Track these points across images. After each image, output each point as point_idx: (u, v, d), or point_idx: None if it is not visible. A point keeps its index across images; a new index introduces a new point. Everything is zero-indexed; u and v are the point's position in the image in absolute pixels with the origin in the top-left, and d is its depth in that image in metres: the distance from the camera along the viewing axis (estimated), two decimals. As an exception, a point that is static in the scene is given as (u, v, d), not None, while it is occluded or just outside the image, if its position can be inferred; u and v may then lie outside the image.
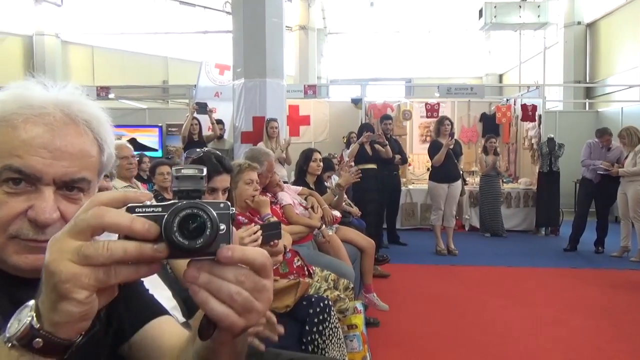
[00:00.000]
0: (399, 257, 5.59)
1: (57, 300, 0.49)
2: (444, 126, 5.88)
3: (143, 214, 0.50)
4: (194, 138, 6.55)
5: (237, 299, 0.50)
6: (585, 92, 12.34)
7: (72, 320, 0.49)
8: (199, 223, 0.49)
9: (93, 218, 0.49)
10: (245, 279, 0.51)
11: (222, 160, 2.10)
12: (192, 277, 0.51)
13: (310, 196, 3.74)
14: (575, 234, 6.24)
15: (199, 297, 0.51)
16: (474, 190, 7.68)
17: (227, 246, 0.51)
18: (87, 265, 0.48)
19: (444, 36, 17.10)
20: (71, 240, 0.49)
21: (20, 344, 0.50)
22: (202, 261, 0.51)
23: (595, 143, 6.16)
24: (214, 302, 0.50)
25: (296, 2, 15.03)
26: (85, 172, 0.73)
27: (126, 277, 0.50)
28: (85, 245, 0.48)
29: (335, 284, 2.77)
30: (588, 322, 3.70)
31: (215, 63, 8.49)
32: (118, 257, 0.48)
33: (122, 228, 0.49)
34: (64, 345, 0.51)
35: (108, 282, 0.49)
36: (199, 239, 0.49)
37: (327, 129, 9.14)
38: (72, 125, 0.72)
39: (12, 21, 12.83)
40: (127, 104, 9.94)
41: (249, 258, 0.51)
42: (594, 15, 12.03)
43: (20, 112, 0.69)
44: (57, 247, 0.49)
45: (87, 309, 0.49)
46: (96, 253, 0.48)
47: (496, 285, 4.73)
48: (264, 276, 0.52)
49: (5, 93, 0.72)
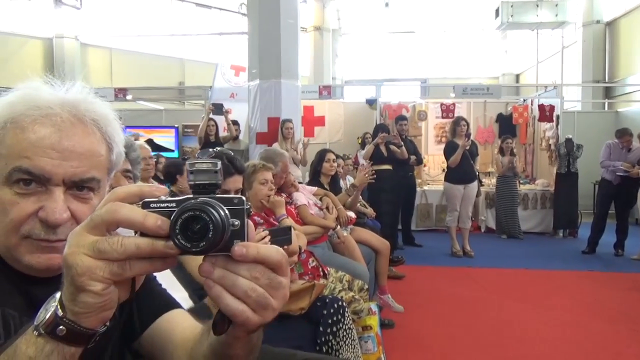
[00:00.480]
0: (413, 259, 5.56)
1: (75, 292, 0.50)
2: (460, 127, 5.83)
3: (157, 210, 0.51)
4: (211, 139, 6.59)
5: (252, 295, 0.50)
6: (605, 92, 12.14)
7: (91, 310, 0.51)
8: (202, 225, 0.49)
9: (107, 214, 0.50)
10: (260, 275, 0.51)
11: (233, 161, 2.08)
12: (206, 271, 0.51)
13: (325, 197, 3.74)
14: (594, 236, 6.13)
15: (213, 292, 0.51)
16: (490, 192, 7.61)
17: (241, 243, 0.51)
18: (101, 259, 0.49)
19: (460, 36, 16.96)
20: (88, 234, 0.51)
21: (46, 331, 0.52)
22: (217, 256, 0.51)
23: (615, 144, 6.05)
24: (228, 298, 0.50)
25: (311, 3, 15.06)
26: (94, 172, 0.73)
27: (141, 270, 0.51)
28: (100, 240, 0.50)
29: (350, 285, 2.77)
30: (607, 327, 3.63)
31: (230, 64, 8.54)
32: (131, 252, 0.49)
33: (134, 224, 0.50)
34: (87, 334, 0.53)
35: (123, 275, 0.50)
36: (201, 241, 0.49)
37: (342, 129, 9.14)
38: (79, 125, 0.72)
39: (33, 24, 13.10)
40: (144, 105, 10.06)
41: (263, 256, 0.51)
42: (613, 13, 11.83)
43: (28, 113, 0.70)
44: (74, 240, 0.51)
45: (106, 300, 0.51)
46: (110, 248, 0.49)
47: (513, 288, 4.68)
48: (280, 273, 0.52)
49: (14, 94, 0.73)
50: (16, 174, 0.68)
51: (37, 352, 0.52)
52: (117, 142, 0.78)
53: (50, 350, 0.52)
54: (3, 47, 12.26)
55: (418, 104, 8.84)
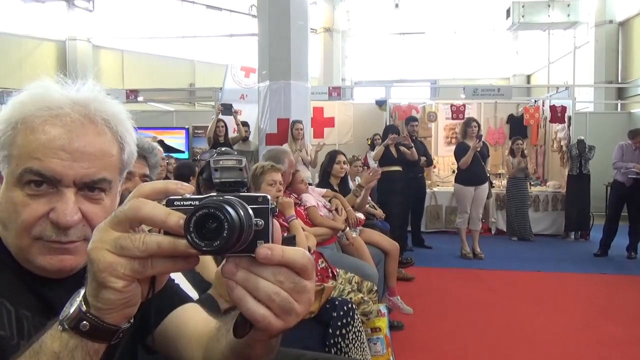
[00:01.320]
0: (423, 260, 5.54)
1: (98, 287, 0.50)
2: (471, 128, 5.80)
3: (180, 208, 0.50)
4: (220, 140, 6.61)
5: (276, 300, 0.49)
6: (617, 93, 11.99)
7: (113, 307, 0.51)
8: (218, 224, 0.47)
9: (130, 210, 0.50)
10: (284, 278, 0.50)
11: None
12: (229, 272, 0.50)
13: (334, 198, 3.74)
14: (606, 238, 6.06)
15: (236, 295, 0.50)
16: (501, 193, 7.55)
17: (265, 245, 0.49)
18: (123, 256, 0.49)
19: (470, 37, 16.87)
20: (111, 230, 0.50)
21: (70, 326, 0.52)
22: (240, 257, 0.50)
23: (627, 145, 5.98)
24: (251, 302, 0.49)
25: (321, 4, 15.07)
26: (105, 172, 0.72)
27: (162, 269, 0.51)
28: (123, 236, 0.50)
29: (359, 286, 2.77)
30: (619, 330, 3.59)
31: (241, 66, 8.57)
32: (152, 251, 0.49)
33: (157, 222, 0.50)
34: (110, 330, 0.52)
35: (144, 273, 0.50)
36: (215, 240, 0.47)
37: (351, 130, 9.13)
38: (90, 125, 0.71)
39: (46, 27, 13.28)
40: (155, 107, 10.14)
41: (288, 259, 0.50)
42: (626, 13, 11.70)
43: (39, 114, 0.69)
44: (98, 236, 0.51)
45: (128, 297, 0.51)
46: (132, 245, 0.49)
47: (523, 291, 4.63)
48: (305, 277, 0.51)
49: (25, 94, 0.72)
50: (27, 176, 0.68)
51: (62, 347, 0.52)
52: (128, 142, 0.77)
53: (74, 345, 0.52)
54: (17, 49, 12.45)
55: (428, 105, 8.80)
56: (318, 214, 3.36)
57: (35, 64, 12.51)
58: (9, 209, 0.69)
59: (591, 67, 12.31)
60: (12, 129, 0.70)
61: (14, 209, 0.69)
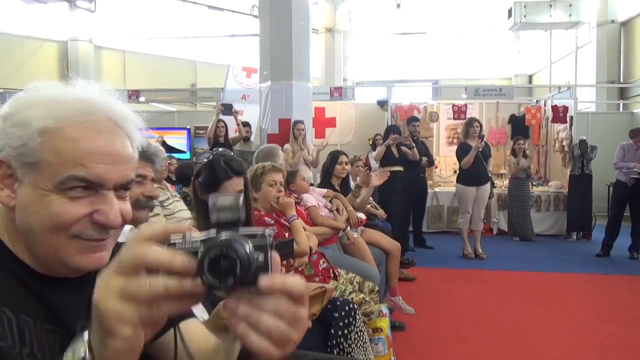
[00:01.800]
0: (425, 261, 5.53)
1: (105, 336, 0.51)
2: (473, 128, 5.80)
3: (183, 249, 0.51)
4: (220, 140, 6.60)
5: (276, 333, 0.51)
6: (619, 93, 11.97)
7: (119, 355, 0.52)
8: (230, 262, 0.49)
9: (137, 257, 0.51)
10: (284, 310, 0.52)
11: (230, 164, 2.01)
12: (232, 308, 0.52)
13: (335, 198, 3.74)
14: (608, 238, 6.05)
15: (239, 331, 0.51)
16: (503, 193, 7.54)
17: (268, 275, 0.51)
18: (130, 302, 0.50)
19: (472, 37, 16.85)
20: (117, 277, 0.51)
21: None
22: (242, 290, 0.52)
23: (629, 145, 5.97)
24: (254, 337, 0.51)
25: (322, 5, 15.07)
26: (133, 173, 0.76)
27: (169, 310, 0.52)
28: (129, 282, 0.50)
29: (361, 286, 2.77)
30: (622, 331, 3.58)
31: (242, 66, 8.57)
32: (159, 293, 0.50)
33: (163, 266, 0.50)
34: None
35: (151, 317, 0.51)
36: (229, 278, 0.49)
37: (353, 131, 9.13)
38: (117, 129, 0.74)
39: (48, 28, 13.31)
40: (157, 107, 10.15)
41: (288, 287, 0.52)
42: (628, 13, 11.68)
43: (72, 119, 0.70)
44: (104, 284, 0.51)
45: (134, 344, 0.52)
46: (139, 290, 0.50)
47: (525, 291, 4.63)
48: (300, 304, 0.53)
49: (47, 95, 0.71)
50: (71, 182, 0.69)
51: None
52: (136, 141, 0.80)
53: None
54: (19, 50, 12.47)
55: (429, 105, 8.79)
56: (319, 213, 3.36)
57: (37, 65, 12.53)
58: (42, 212, 0.69)
59: (593, 67, 12.28)
60: (40, 135, 0.69)
61: (47, 212, 0.69)
